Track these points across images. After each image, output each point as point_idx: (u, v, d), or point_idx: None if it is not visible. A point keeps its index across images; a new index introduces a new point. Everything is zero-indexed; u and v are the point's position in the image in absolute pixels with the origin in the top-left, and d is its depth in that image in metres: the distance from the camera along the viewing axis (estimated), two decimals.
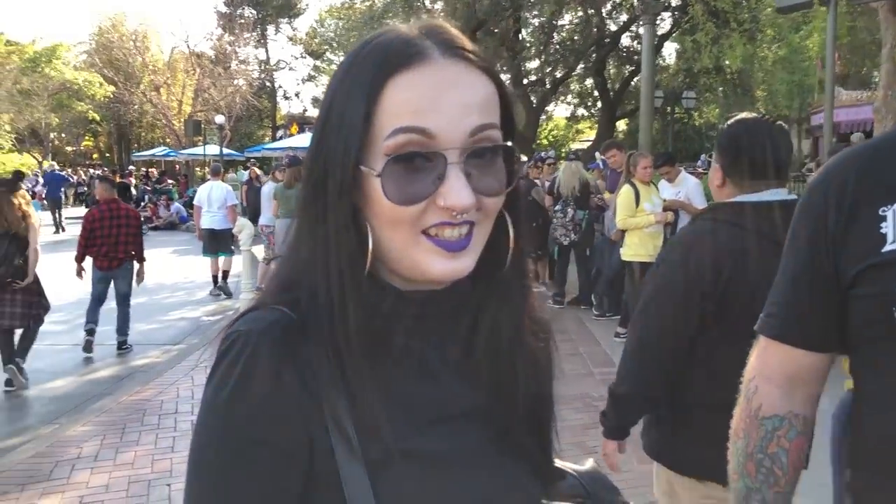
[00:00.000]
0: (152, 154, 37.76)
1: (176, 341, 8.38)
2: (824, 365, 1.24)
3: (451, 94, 0.76)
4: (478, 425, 0.87)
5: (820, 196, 1.18)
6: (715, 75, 21.59)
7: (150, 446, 5.00)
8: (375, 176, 0.75)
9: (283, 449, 0.77)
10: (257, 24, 43.76)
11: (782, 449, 1.23)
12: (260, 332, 0.78)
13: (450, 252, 0.78)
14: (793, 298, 1.23)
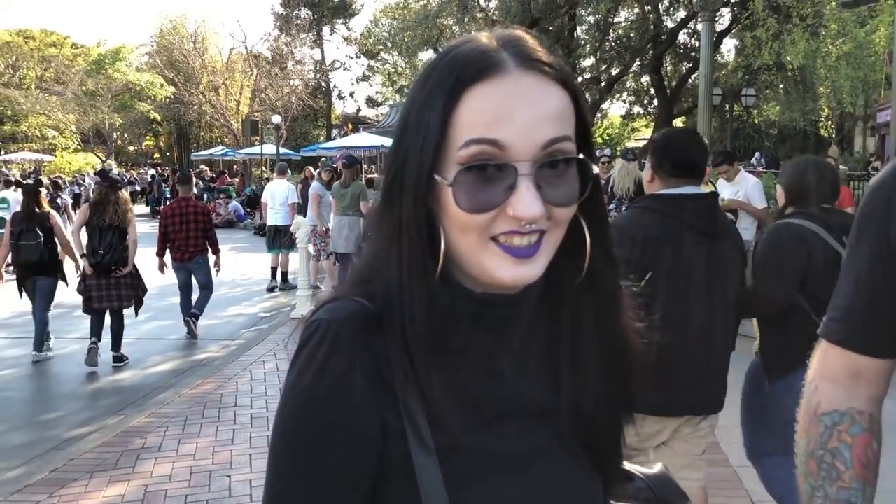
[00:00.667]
0: (211, 153, 38.58)
1: (234, 337, 8.56)
2: (888, 368, 1.21)
3: (524, 107, 0.77)
4: (549, 425, 0.88)
5: (882, 200, 1.16)
6: (776, 72, 21.09)
7: (210, 438, 5.12)
8: (447, 185, 0.78)
9: (360, 432, 0.80)
10: (313, 24, 44.33)
11: (844, 444, 1.19)
12: (340, 321, 0.82)
13: (518, 259, 0.80)
14: (855, 303, 1.21)
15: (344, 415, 0.79)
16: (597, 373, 0.90)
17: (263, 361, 7.08)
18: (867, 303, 1.18)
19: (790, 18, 14.51)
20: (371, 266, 0.87)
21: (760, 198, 7.72)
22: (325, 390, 0.79)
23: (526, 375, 0.88)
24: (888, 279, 1.14)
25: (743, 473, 4.25)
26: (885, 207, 1.15)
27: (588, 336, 0.90)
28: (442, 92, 0.79)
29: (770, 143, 32.39)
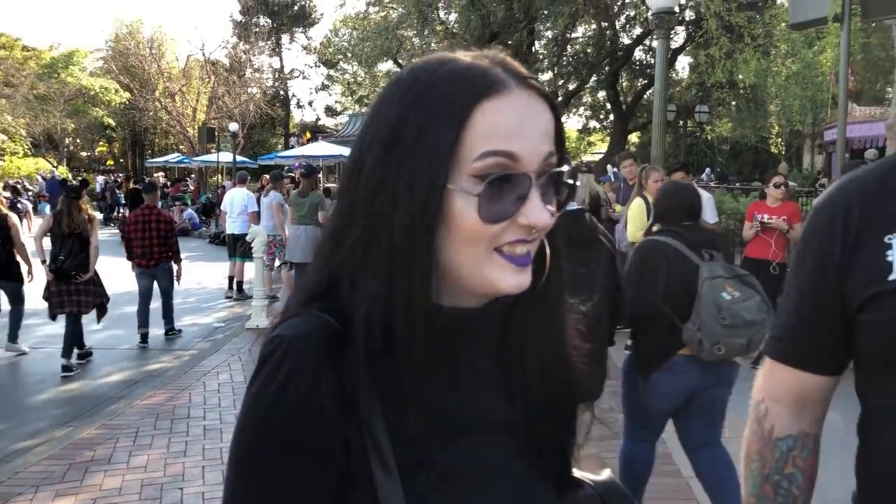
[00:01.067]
0: (166, 160, 38.00)
1: (188, 347, 8.44)
2: (831, 386, 1.26)
3: (531, 121, 0.82)
4: (505, 437, 0.91)
5: (826, 221, 1.20)
6: (728, 90, 21.59)
7: (162, 450, 5.04)
8: (473, 195, 0.79)
9: (321, 450, 0.80)
10: (272, 32, 44.05)
11: (798, 469, 1.25)
12: (304, 337, 0.81)
13: (518, 267, 0.83)
14: (798, 322, 1.25)
15: (305, 432, 0.79)
16: (546, 384, 0.93)
17: (217, 372, 6.99)
18: (811, 321, 1.22)
19: (742, 38, 14.88)
20: (332, 279, 0.86)
21: (712, 213, 7.87)
22: (286, 407, 0.79)
23: (484, 388, 0.90)
24: (830, 298, 1.18)
25: (694, 484, 4.32)
26: (827, 228, 1.19)
27: (537, 348, 0.93)
28: (453, 106, 0.80)
29: (722, 159, 33.04)
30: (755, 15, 15.10)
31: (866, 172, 1.22)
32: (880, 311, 1.11)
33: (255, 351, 7.73)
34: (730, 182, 22.73)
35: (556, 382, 0.95)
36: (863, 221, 1.15)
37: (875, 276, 1.11)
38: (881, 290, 1.10)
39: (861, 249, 1.14)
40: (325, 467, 0.80)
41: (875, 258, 1.12)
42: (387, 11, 23.54)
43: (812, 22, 6.86)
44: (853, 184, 1.21)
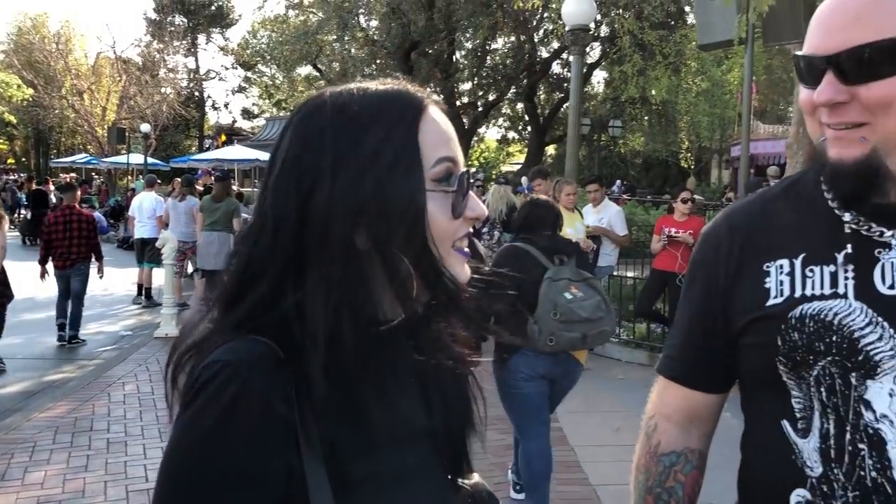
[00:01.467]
0: (72, 161, 36.56)
1: (92, 356, 8.12)
2: (719, 403, 1.32)
3: (452, 131, 0.94)
4: (425, 444, 0.95)
5: (712, 248, 1.26)
6: (640, 105, 22.26)
7: (61, 465, 4.83)
8: (450, 192, 0.89)
9: (263, 480, 0.79)
10: (188, 32, 43.04)
11: (679, 483, 1.31)
12: (250, 363, 0.80)
13: (466, 259, 0.94)
14: (687, 343, 1.31)
15: (247, 460, 0.78)
16: (453, 392, 0.99)
17: (123, 382, 6.75)
18: (700, 342, 1.28)
19: (654, 56, 15.37)
20: (265, 300, 0.85)
21: (622, 225, 8.10)
22: (233, 433, 0.78)
23: (406, 398, 0.94)
24: (717, 320, 1.23)
25: (601, 492, 4.43)
26: (713, 253, 1.25)
27: (448, 356, 0.98)
28: (403, 119, 0.88)
29: (634, 172, 34.03)
30: (667, 34, 15.63)
31: (751, 202, 1.29)
32: (758, 335, 1.17)
33: (164, 360, 7.48)
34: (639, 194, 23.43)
35: (465, 387, 1.02)
36: (745, 249, 1.21)
37: (754, 301, 1.17)
38: (759, 315, 1.16)
39: (742, 276, 1.20)
40: (266, 496, 0.80)
41: (755, 285, 1.18)
42: (307, 16, 23.34)
43: (719, 44, 7.15)
44: (738, 213, 1.27)
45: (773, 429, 1.16)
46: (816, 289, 1.12)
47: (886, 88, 1.03)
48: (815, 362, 1.10)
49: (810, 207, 1.18)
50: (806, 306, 1.12)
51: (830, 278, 1.12)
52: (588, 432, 5.52)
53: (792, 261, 1.15)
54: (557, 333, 3.53)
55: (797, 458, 1.12)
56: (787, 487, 1.13)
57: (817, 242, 1.15)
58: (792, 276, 1.15)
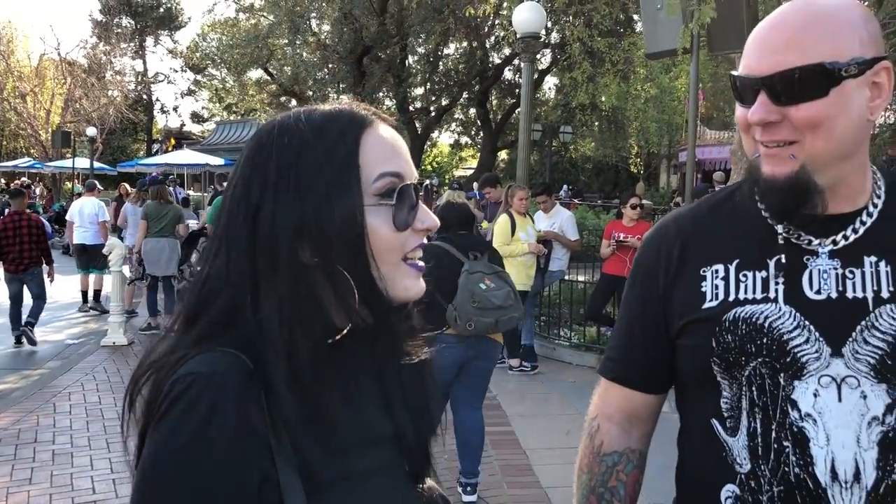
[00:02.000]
0: (15, 165, 35.57)
1: (37, 366, 7.93)
2: (658, 403, 1.38)
3: (401, 146, 0.96)
4: (388, 448, 0.98)
5: (652, 253, 1.32)
6: (590, 111, 22.57)
7: (5, 478, 4.72)
8: (390, 205, 0.91)
9: (239, 492, 0.80)
10: (135, 34, 42.32)
11: (621, 482, 1.36)
12: (222, 374, 0.82)
13: (418, 272, 0.96)
14: (627, 344, 1.37)
15: (226, 470, 0.79)
16: (416, 398, 1.02)
17: (69, 393, 6.61)
18: (640, 344, 1.34)
19: (604, 63, 15.60)
20: (231, 311, 0.87)
21: (573, 230, 8.20)
22: (203, 451, 0.79)
23: (367, 403, 0.96)
24: (657, 323, 1.29)
25: (552, 494, 4.49)
26: (653, 259, 1.31)
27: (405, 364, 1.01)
28: (343, 138, 0.91)
29: (585, 177, 34.43)
30: (616, 41, 15.87)
31: (690, 210, 1.36)
32: (694, 337, 1.23)
33: (111, 370, 7.38)
34: (588, 199, 23.74)
35: (424, 394, 1.04)
36: (684, 254, 1.27)
37: (691, 303, 1.24)
38: (695, 318, 1.23)
39: (680, 280, 1.26)
40: (247, 499, 0.81)
41: (692, 288, 1.24)
42: (258, 19, 23.16)
43: (665, 52, 7.30)
44: (678, 220, 1.34)
45: (706, 427, 1.22)
46: (749, 293, 1.19)
47: (814, 109, 1.09)
48: (747, 363, 1.16)
49: (746, 216, 1.25)
50: (739, 310, 1.18)
51: (762, 283, 1.18)
52: (539, 435, 5.59)
53: (727, 266, 1.22)
54: (475, 319, 3.98)
55: (727, 455, 1.18)
56: (718, 483, 1.19)
57: (751, 249, 1.21)
58: (727, 281, 1.21)
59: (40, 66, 37.46)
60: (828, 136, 1.10)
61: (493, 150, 25.61)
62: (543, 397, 6.68)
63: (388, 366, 1.00)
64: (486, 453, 5.21)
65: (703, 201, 1.37)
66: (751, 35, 1.18)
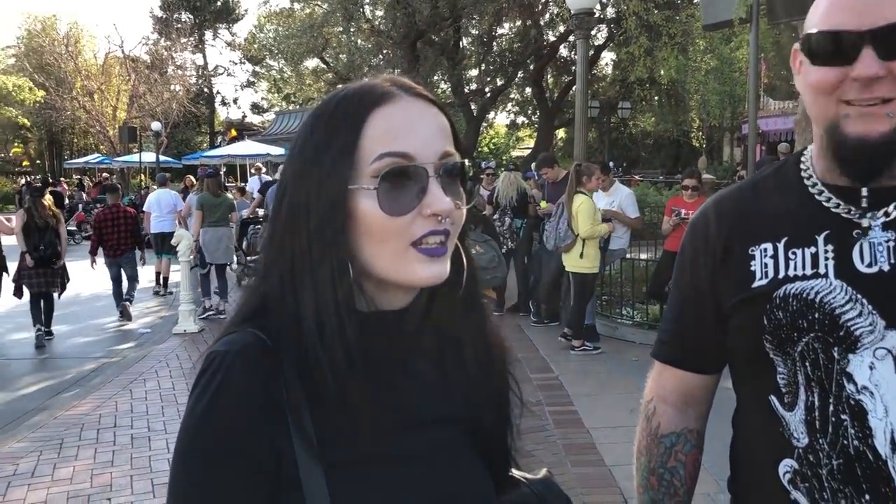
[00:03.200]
0: (86, 161, 36.85)
1: (112, 354, 8.26)
2: (713, 383, 1.39)
3: (420, 123, 0.90)
4: (446, 432, 0.97)
5: (701, 234, 1.33)
6: (649, 86, 22.16)
7: (89, 461, 4.96)
8: (372, 189, 0.87)
9: (253, 458, 0.85)
10: (195, 28, 43.15)
11: (680, 462, 1.38)
12: (235, 353, 0.87)
13: (432, 257, 0.89)
14: (680, 326, 1.38)
15: (235, 444, 0.85)
16: (482, 379, 1.00)
17: (145, 379, 6.88)
18: (692, 326, 1.35)
19: (661, 36, 15.30)
20: (264, 296, 0.92)
21: (633, 207, 8.12)
22: (218, 419, 0.85)
23: (420, 386, 0.96)
24: (708, 304, 1.30)
25: (616, 473, 4.50)
26: (702, 240, 1.32)
27: (469, 343, 1.00)
28: (347, 118, 0.89)
29: (645, 153, 33.89)
30: (673, 14, 15.55)
31: (737, 189, 1.36)
32: (745, 315, 1.23)
33: (183, 356, 7.64)
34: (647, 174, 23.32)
35: (491, 375, 1.02)
36: (731, 235, 1.27)
37: (741, 284, 1.24)
38: (745, 297, 1.23)
39: (730, 261, 1.27)
40: (257, 474, 0.86)
41: (742, 268, 1.24)
42: (312, 8, 23.35)
43: (723, 23, 7.15)
44: (725, 201, 1.34)
45: (762, 404, 1.22)
46: (799, 269, 1.18)
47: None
48: (799, 339, 1.16)
49: (792, 193, 1.24)
50: (789, 286, 1.18)
51: (812, 259, 1.18)
52: (602, 414, 5.58)
53: (775, 244, 1.22)
54: None
55: (784, 430, 1.18)
56: (776, 459, 1.19)
57: (799, 226, 1.21)
58: (776, 259, 1.21)
59: (106, 64, 38.62)
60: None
61: (550, 129, 25.38)
62: (606, 376, 6.66)
63: (439, 348, 0.99)
64: (549, 432, 5.25)
65: (747, 180, 1.37)
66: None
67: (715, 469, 1.45)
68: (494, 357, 1.04)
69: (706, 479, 1.39)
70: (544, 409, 5.74)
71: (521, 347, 7.65)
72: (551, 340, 7.78)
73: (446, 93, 23.44)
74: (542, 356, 7.34)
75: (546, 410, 5.70)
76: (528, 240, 9.18)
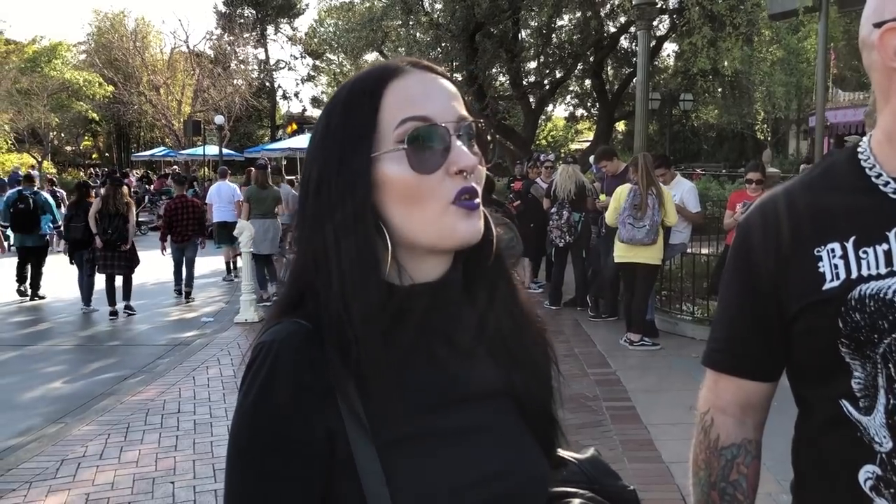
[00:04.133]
0: (151, 154, 37.82)
1: (176, 342, 8.49)
2: (772, 390, 1.32)
3: (436, 90, 0.94)
4: (492, 407, 0.96)
5: (757, 236, 1.26)
6: (712, 77, 21.68)
7: (153, 445, 5.11)
8: (400, 150, 0.89)
9: (306, 442, 0.87)
10: (257, 23, 43.84)
11: (742, 475, 1.32)
12: (281, 341, 0.89)
13: (469, 212, 0.92)
14: (736, 333, 1.31)
15: (288, 429, 0.87)
16: (524, 351, 1.01)
17: (207, 367, 7.04)
18: (749, 332, 1.28)
19: (725, 26, 14.94)
20: (300, 286, 0.94)
21: (695, 201, 7.97)
22: (269, 407, 0.87)
23: (464, 360, 0.95)
24: (766, 309, 1.24)
25: (675, 469, 4.43)
26: (759, 242, 1.25)
27: (506, 315, 1.00)
28: (364, 93, 0.92)
29: (708, 146, 33.22)
30: (737, 3, 15.15)
31: (794, 186, 1.28)
32: (815, 319, 1.17)
33: (244, 345, 7.79)
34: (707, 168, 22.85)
35: (533, 346, 1.03)
36: (792, 236, 1.21)
37: (808, 287, 1.17)
38: (814, 300, 1.17)
39: (792, 264, 1.20)
40: (311, 458, 0.87)
41: (808, 271, 1.18)
42: (372, 2, 23.47)
43: (789, 12, 6.95)
44: (776, 201, 1.27)
45: (833, 409, 1.17)
46: (872, 269, 1.13)
47: None
48: (881, 340, 1.11)
49: (854, 188, 1.19)
50: (864, 287, 1.13)
51: (885, 257, 1.13)
52: (661, 411, 5.51)
53: (843, 243, 1.16)
54: None
55: (863, 435, 1.13)
56: (855, 465, 1.14)
57: (867, 223, 1.15)
58: (846, 259, 1.15)
59: (171, 59, 39.56)
60: None
61: (609, 122, 25.00)
62: (665, 372, 6.57)
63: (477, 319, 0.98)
64: (606, 428, 5.20)
65: (804, 177, 1.29)
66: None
67: (776, 469, 1.40)
68: (531, 326, 1.04)
69: (767, 480, 1.35)
70: (601, 404, 5.69)
71: (579, 342, 7.60)
72: (609, 335, 7.70)
73: (504, 85, 23.32)
74: (599, 351, 7.27)
75: (603, 406, 5.65)
76: (586, 233, 9.09)
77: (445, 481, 0.89)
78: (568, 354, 6.99)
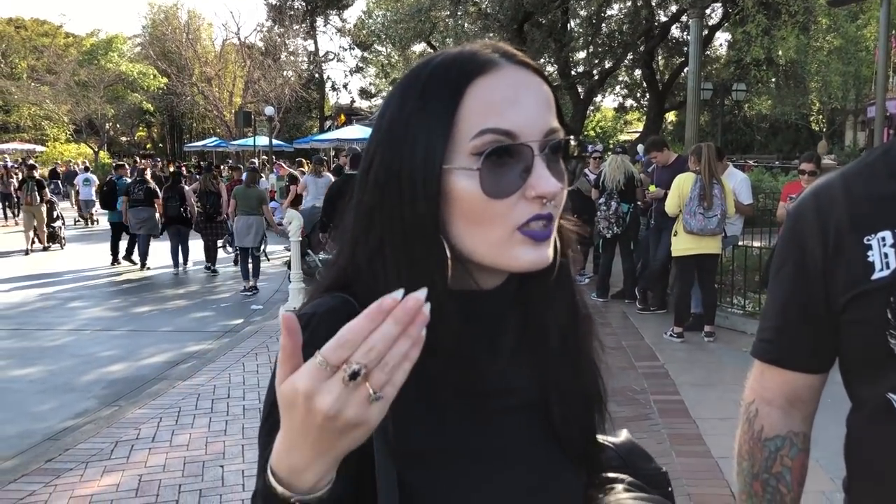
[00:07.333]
0: (203, 145, 38.49)
1: (226, 329, 8.64)
2: (821, 383, 1.29)
3: (526, 97, 0.83)
4: (527, 417, 0.92)
5: (805, 226, 1.22)
6: (766, 67, 21.20)
7: (203, 429, 5.21)
8: (474, 169, 0.80)
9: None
10: (306, 15, 44.18)
11: (786, 468, 1.29)
12: (321, 314, 0.85)
13: (537, 241, 0.83)
14: (784, 324, 1.28)
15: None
16: (571, 364, 0.95)
17: (256, 353, 7.16)
18: (798, 323, 1.25)
19: (780, 14, 14.60)
20: (347, 272, 0.90)
21: (747, 193, 7.81)
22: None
23: (506, 370, 0.91)
24: (815, 300, 1.21)
25: (724, 465, 4.36)
26: (807, 233, 1.22)
27: (559, 328, 0.94)
28: (444, 87, 0.82)
29: (761, 137, 32.52)
30: None
31: (840, 175, 1.24)
32: (864, 310, 1.14)
33: None
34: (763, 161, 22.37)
35: (580, 362, 0.96)
36: (841, 225, 1.17)
37: (858, 276, 1.14)
38: (864, 290, 1.13)
39: (842, 253, 1.16)
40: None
41: (857, 260, 1.14)
42: None
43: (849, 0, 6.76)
44: (829, 188, 1.23)
45: (885, 403, 1.13)
46: None
47: None
48: None
49: None
50: None
51: None
52: (710, 405, 5.43)
53: (894, 232, 1.12)
54: None
55: None
56: None
57: None
58: None
59: (222, 51, 40.21)
60: None
61: (659, 112, 24.67)
62: (715, 366, 6.47)
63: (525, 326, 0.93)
64: (654, 421, 5.14)
65: (852, 165, 1.25)
66: None
67: (830, 466, 1.36)
68: (581, 332, 0.98)
69: (820, 477, 1.31)
70: (649, 397, 5.63)
71: (626, 335, 7.52)
72: (657, 328, 7.61)
73: (553, 75, 23.13)
74: (647, 344, 7.19)
75: (651, 399, 5.59)
76: (634, 225, 8.99)
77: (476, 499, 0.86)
78: (615, 347, 6.92)
